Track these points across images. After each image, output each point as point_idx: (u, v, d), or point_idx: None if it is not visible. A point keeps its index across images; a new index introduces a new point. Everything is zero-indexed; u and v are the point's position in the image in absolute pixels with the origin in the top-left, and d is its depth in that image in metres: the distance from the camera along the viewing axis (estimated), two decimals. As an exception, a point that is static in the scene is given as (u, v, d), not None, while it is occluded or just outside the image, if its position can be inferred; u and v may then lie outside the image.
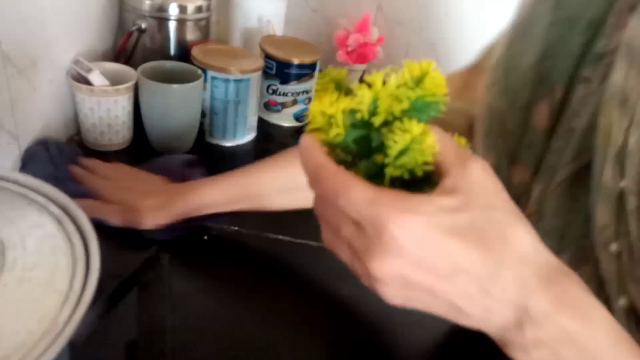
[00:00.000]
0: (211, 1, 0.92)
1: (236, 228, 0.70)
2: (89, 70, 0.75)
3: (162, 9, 0.86)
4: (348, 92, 0.34)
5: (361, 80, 1.24)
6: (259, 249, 0.69)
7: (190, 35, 0.91)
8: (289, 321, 0.59)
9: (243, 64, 0.84)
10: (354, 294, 0.64)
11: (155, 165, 0.75)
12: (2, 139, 0.67)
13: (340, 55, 1.16)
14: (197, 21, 0.91)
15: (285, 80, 0.95)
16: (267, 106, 0.98)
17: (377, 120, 0.31)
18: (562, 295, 0.30)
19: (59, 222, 0.41)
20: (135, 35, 0.87)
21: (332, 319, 0.60)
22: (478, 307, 0.31)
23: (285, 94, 0.96)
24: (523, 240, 0.30)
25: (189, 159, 0.78)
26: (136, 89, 0.80)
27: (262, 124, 0.98)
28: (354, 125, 0.32)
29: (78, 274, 0.37)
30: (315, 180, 0.32)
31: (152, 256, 0.53)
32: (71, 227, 0.41)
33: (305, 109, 1.00)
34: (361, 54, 1.16)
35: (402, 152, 0.30)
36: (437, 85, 0.31)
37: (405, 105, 0.31)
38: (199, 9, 0.90)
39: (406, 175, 0.31)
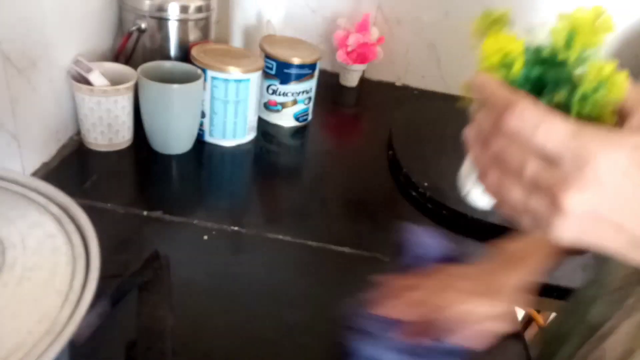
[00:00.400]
0: (211, 1, 0.92)
1: (236, 228, 0.70)
2: (89, 71, 0.75)
3: (162, 8, 0.86)
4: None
5: (361, 80, 1.24)
6: (259, 249, 0.69)
7: (190, 35, 0.91)
8: (288, 321, 0.59)
9: (243, 64, 0.84)
10: (353, 292, 0.64)
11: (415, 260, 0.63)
12: (2, 139, 0.67)
13: (340, 55, 1.16)
14: (197, 21, 0.90)
15: (285, 80, 0.95)
16: (267, 106, 0.98)
17: (572, 55, 0.31)
18: None
19: (59, 222, 0.41)
20: (135, 35, 0.87)
21: (332, 319, 0.60)
22: None
23: (285, 94, 0.96)
24: None
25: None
26: (136, 89, 0.80)
27: (262, 124, 0.98)
28: (530, 63, 0.32)
29: (78, 274, 0.37)
30: (506, 114, 0.30)
31: (152, 256, 0.53)
32: (71, 227, 0.41)
33: (306, 109, 1.00)
34: (361, 54, 1.16)
35: (595, 89, 0.30)
36: (607, 28, 0.30)
37: (601, 38, 0.30)
38: (198, 9, 0.89)
39: (596, 112, 0.31)
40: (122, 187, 0.77)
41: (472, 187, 0.46)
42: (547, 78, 0.32)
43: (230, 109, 0.86)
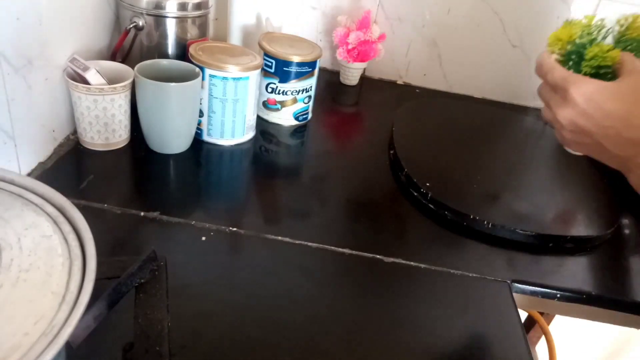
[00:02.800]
0: (209, -1, 0.92)
1: (235, 229, 0.70)
2: (86, 69, 0.75)
3: (160, 6, 0.85)
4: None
5: (362, 78, 1.24)
6: (258, 250, 0.68)
7: (188, 33, 0.90)
8: (287, 323, 0.58)
9: (241, 62, 0.84)
10: (353, 295, 0.64)
11: None
12: (-2, 138, 0.66)
13: (341, 53, 1.16)
14: (195, 19, 0.90)
15: (284, 78, 0.94)
16: (266, 105, 0.98)
17: (583, 40, 0.55)
18: None
19: (55, 222, 0.41)
20: (132, 33, 0.87)
21: (332, 319, 0.60)
22: (613, 145, 0.51)
23: (284, 93, 0.95)
24: None
25: None
26: (133, 88, 0.79)
27: (261, 123, 0.98)
28: (572, 45, 0.56)
29: (74, 275, 0.37)
30: (539, 68, 0.57)
31: (150, 257, 0.53)
32: (67, 228, 0.40)
33: (306, 108, 0.99)
34: (362, 52, 1.15)
35: (592, 58, 0.53)
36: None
37: (603, 33, 0.55)
38: (196, 6, 0.89)
39: (593, 72, 0.53)
40: (119, 187, 0.76)
41: None
42: (579, 54, 0.55)
43: (228, 107, 0.85)
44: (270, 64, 0.93)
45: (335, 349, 0.56)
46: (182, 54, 0.89)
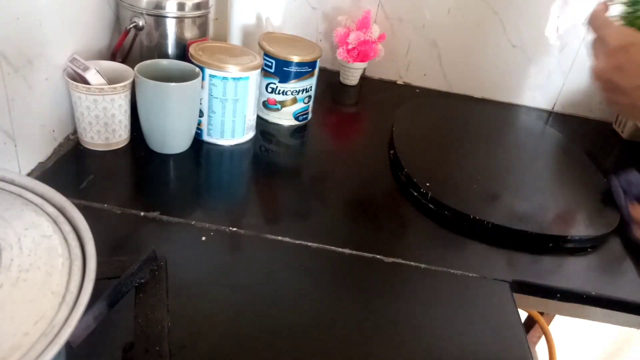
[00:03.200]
0: (209, -1, 0.92)
1: (235, 229, 0.70)
2: (86, 69, 0.75)
3: (160, 6, 0.85)
4: None
5: (362, 78, 1.24)
6: (258, 250, 0.68)
7: (188, 32, 0.90)
8: (288, 323, 0.58)
9: (241, 62, 0.84)
10: (353, 295, 0.64)
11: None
12: (-2, 138, 0.66)
13: (341, 53, 1.16)
14: (194, 18, 0.90)
15: (284, 78, 0.94)
16: (266, 105, 0.98)
17: None
18: None
19: (55, 222, 0.41)
20: (132, 33, 0.87)
21: (332, 319, 0.60)
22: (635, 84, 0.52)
23: (284, 93, 0.95)
24: None
25: None
26: (133, 88, 0.79)
27: (261, 123, 0.98)
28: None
29: (74, 275, 0.37)
30: (594, 22, 0.57)
31: (150, 257, 0.53)
32: (67, 228, 0.40)
33: (306, 108, 0.99)
34: (362, 52, 1.15)
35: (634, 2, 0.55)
36: None
37: None
38: (196, 6, 0.89)
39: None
40: (119, 187, 0.76)
41: None
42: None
43: (228, 107, 0.85)
44: (270, 64, 0.93)
45: (335, 349, 0.56)
46: (182, 54, 0.89)
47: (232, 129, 0.88)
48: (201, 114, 0.86)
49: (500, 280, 0.69)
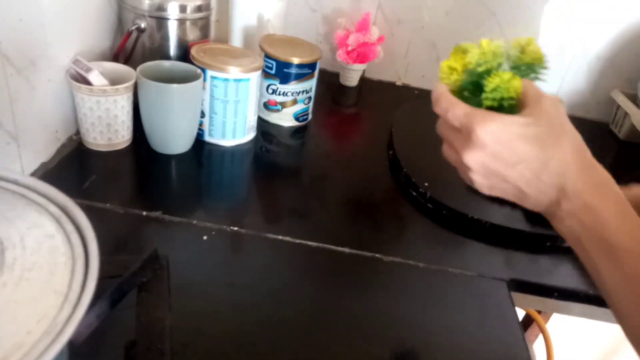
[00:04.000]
0: (210, 0, 0.92)
1: (236, 228, 0.70)
2: (88, 70, 0.75)
3: (162, 8, 0.86)
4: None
5: (361, 79, 1.24)
6: (259, 250, 0.68)
7: (190, 34, 0.91)
8: (288, 322, 0.59)
9: (243, 64, 0.84)
10: (353, 294, 0.64)
11: None
12: (1, 138, 0.66)
13: (340, 54, 1.16)
14: (196, 20, 0.90)
15: (285, 79, 0.94)
16: (267, 106, 0.98)
17: (481, 69, 0.47)
18: (590, 179, 0.44)
19: (58, 222, 0.41)
20: (134, 34, 0.87)
21: (331, 317, 0.60)
22: (534, 189, 0.45)
23: (285, 94, 0.96)
24: (569, 145, 0.44)
25: None
26: (135, 89, 0.80)
27: (262, 124, 0.98)
28: (468, 75, 0.48)
29: (77, 274, 0.37)
30: (437, 104, 0.48)
31: (152, 256, 0.53)
32: (70, 227, 0.41)
33: (306, 109, 1.00)
34: (361, 54, 1.15)
35: (494, 89, 0.46)
36: (536, 53, 0.47)
37: (500, 60, 0.47)
38: (198, 8, 0.89)
39: (495, 104, 0.46)
40: (121, 187, 0.77)
41: None
42: (479, 85, 0.48)
43: (229, 108, 0.86)
44: (270, 65, 0.94)
45: (335, 347, 0.57)
46: (184, 55, 0.90)
47: (233, 130, 0.89)
48: (203, 114, 0.86)
49: (499, 279, 0.70)
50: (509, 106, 0.47)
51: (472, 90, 0.49)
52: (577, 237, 0.44)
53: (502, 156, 0.44)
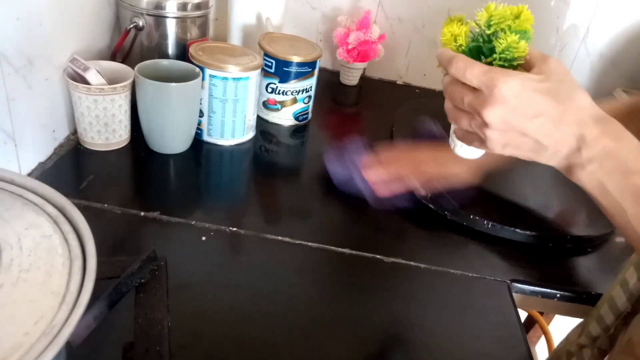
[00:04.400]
0: (209, -1, 0.92)
1: (235, 229, 0.70)
2: (86, 69, 0.75)
3: (160, 6, 0.85)
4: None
5: (362, 78, 1.24)
6: (258, 250, 0.68)
7: (188, 33, 0.90)
8: (287, 323, 0.58)
9: (242, 62, 0.84)
10: (353, 295, 0.64)
11: None
12: (-2, 138, 0.66)
13: (341, 53, 1.16)
14: (195, 19, 0.90)
15: (284, 78, 0.94)
16: (266, 105, 0.98)
17: (489, 31, 0.49)
18: (606, 127, 0.46)
19: (55, 222, 0.41)
20: (132, 33, 0.87)
21: (331, 318, 0.60)
22: (553, 140, 0.47)
23: (284, 93, 0.95)
24: (582, 99, 0.47)
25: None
26: (133, 88, 0.79)
27: (261, 123, 0.98)
28: (471, 40, 0.51)
29: (75, 275, 0.37)
30: (452, 65, 0.49)
31: (150, 257, 0.53)
32: (67, 228, 0.40)
33: (306, 108, 0.99)
34: (361, 52, 1.15)
35: (505, 49, 0.48)
36: (529, 20, 0.50)
37: (509, 22, 0.49)
38: (197, 7, 0.89)
39: (506, 65, 0.48)
40: (119, 187, 0.76)
41: (455, 142, 0.57)
42: (482, 49, 0.50)
43: (228, 107, 0.85)
44: (270, 64, 0.93)
45: (335, 349, 0.56)
46: (182, 54, 0.90)
47: (232, 129, 0.88)
48: (201, 114, 0.86)
49: (500, 280, 0.69)
50: (518, 67, 0.49)
51: (475, 55, 0.50)
52: (600, 182, 0.48)
53: (523, 110, 0.46)
